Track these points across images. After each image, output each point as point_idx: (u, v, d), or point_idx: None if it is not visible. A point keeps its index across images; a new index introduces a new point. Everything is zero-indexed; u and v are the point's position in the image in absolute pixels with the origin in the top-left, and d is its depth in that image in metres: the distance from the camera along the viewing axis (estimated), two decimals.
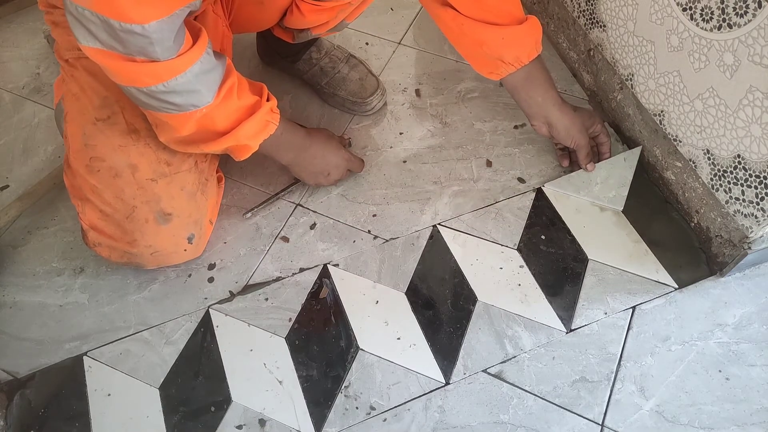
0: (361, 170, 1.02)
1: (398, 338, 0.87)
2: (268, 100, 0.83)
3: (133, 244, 0.85)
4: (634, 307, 0.87)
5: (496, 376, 0.83)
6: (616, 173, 0.98)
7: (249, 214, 0.99)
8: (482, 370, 0.84)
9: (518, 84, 0.93)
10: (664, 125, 0.92)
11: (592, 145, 0.99)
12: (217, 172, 0.95)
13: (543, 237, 0.94)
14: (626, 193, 0.96)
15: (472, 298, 0.89)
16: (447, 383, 0.83)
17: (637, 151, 0.99)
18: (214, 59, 0.74)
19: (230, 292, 0.93)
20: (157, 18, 0.63)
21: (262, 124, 0.82)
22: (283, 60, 1.13)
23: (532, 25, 0.88)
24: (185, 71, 0.69)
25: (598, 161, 1.00)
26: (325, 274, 0.93)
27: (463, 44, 0.93)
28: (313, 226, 0.98)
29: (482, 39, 0.88)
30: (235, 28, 0.95)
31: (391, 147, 1.07)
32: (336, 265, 0.94)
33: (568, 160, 1.01)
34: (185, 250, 0.89)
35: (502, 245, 0.94)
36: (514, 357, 0.84)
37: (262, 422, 0.81)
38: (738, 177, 0.80)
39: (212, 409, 0.83)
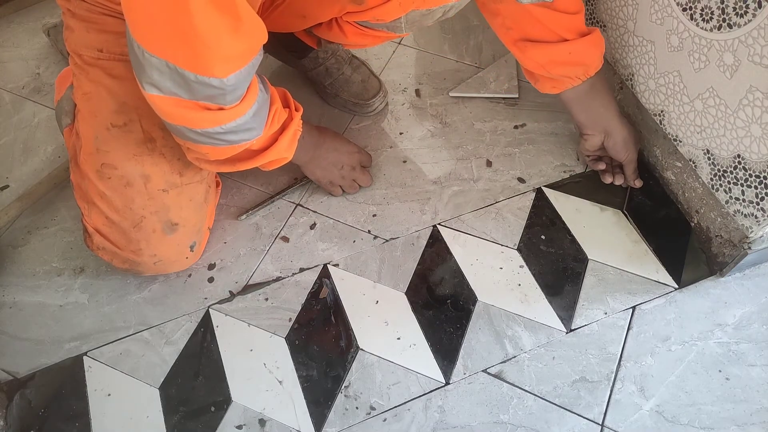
0: (370, 164, 1.02)
1: (398, 338, 0.87)
2: (296, 109, 0.84)
3: (137, 253, 0.84)
4: (634, 307, 0.87)
5: (496, 376, 0.83)
6: (503, 72, 1.13)
7: (244, 216, 0.99)
8: (482, 370, 0.84)
9: (581, 95, 0.90)
10: (664, 125, 0.92)
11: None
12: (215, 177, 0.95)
13: (543, 237, 0.94)
14: (516, 83, 1.11)
15: (472, 298, 0.89)
16: (447, 383, 0.83)
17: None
18: (265, 94, 0.74)
19: (230, 292, 0.93)
20: (236, 71, 0.62)
21: (293, 135, 0.83)
22: (288, 53, 1.12)
23: (597, 36, 0.86)
24: (245, 113, 0.69)
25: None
26: (325, 274, 0.93)
27: (529, 65, 0.90)
28: (313, 226, 0.98)
29: (550, 59, 0.85)
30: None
31: (391, 147, 1.07)
32: (336, 265, 0.94)
33: (611, 176, 0.96)
34: (187, 257, 0.89)
35: (502, 245, 0.94)
36: (514, 357, 0.84)
37: (262, 422, 0.81)
38: (738, 177, 0.80)
39: (212, 409, 0.83)
